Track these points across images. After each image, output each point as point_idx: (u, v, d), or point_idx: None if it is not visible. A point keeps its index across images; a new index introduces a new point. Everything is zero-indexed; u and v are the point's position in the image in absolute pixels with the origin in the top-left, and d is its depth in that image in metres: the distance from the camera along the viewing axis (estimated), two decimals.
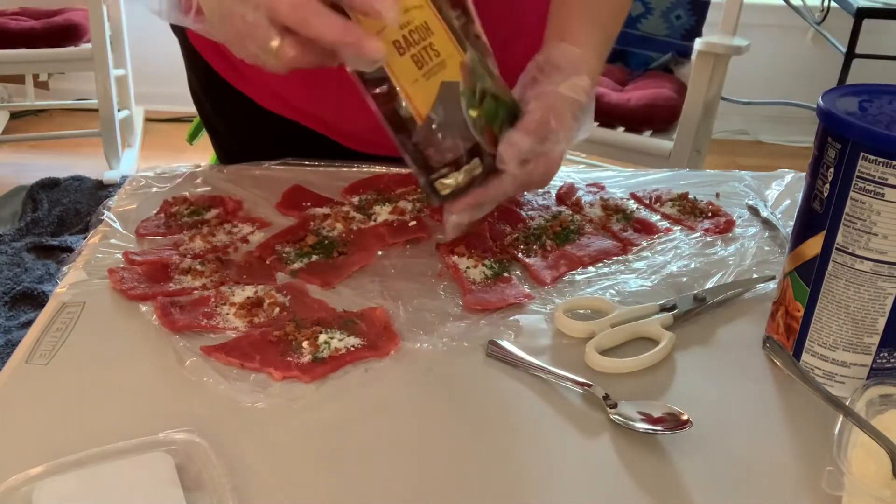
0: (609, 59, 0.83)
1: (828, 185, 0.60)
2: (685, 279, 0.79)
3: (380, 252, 0.81)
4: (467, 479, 0.56)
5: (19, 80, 3.02)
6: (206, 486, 0.52)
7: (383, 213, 0.87)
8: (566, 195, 0.93)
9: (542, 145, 0.68)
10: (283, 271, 0.78)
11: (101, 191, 2.82)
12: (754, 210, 0.92)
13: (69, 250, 2.46)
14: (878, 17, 2.52)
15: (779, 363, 0.62)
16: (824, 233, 0.61)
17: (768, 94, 3.22)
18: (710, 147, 2.47)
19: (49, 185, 2.83)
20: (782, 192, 0.97)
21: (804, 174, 0.65)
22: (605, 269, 0.81)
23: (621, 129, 2.34)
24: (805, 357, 0.65)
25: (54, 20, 2.83)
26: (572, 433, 0.60)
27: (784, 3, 2.91)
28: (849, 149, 0.58)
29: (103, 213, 0.85)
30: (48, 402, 0.61)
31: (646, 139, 2.33)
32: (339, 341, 0.67)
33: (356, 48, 0.56)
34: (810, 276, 0.63)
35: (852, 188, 0.59)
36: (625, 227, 0.87)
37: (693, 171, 1.03)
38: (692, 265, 0.81)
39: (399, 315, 0.72)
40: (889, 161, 0.56)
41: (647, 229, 0.88)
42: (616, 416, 0.60)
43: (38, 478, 0.52)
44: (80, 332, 0.68)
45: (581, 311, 0.74)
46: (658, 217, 0.90)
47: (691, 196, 0.94)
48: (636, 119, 2.33)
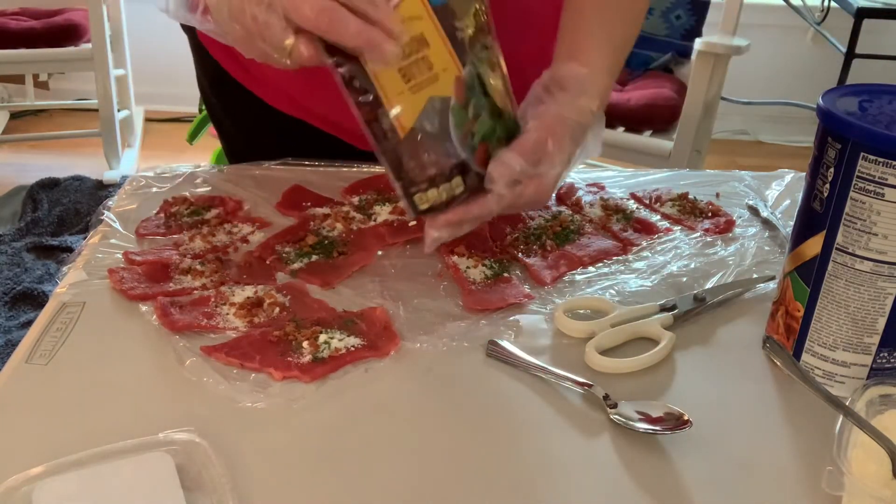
0: None
1: (828, 185, 0.60)
2: (685, 279, 0.79)
3: (380, 252, 0.81)
4: (467, 479, 0.56)
5: (19, 80, 3.02)
6: (206, 486, 0.52)
7: (383, 213, 0.87)
8: (566, 195, 0.93)
9: (536, 167, 0.65)
10: (283, 271, 0.78)
11: (101, 191, 2.82)
12: (754, 210, 0.92)
13: (69, 250, 2.46)
14: (878, 17, 2.51)
15: (779, 363, 0.62)
16: (824, 233, 0.61)
17: (768, 94, 3.22)
18: (710, 147, 2.47)
19: (49, 185, 2.83)
20: (782, 192, 0.97)
21: (804, 174, 0.65)
22: (605, 269, 0.81)
23: (621, 128, 2.34)
24: (805, 357, 0.65)
25: (54, 20, 2.83)
26: (572, 433, 0.60)
27: (784, 3, 2.90)
28: (849, 149, 0.58)
29: (103, 213, 0.86)
30: (48, 402, 0.61)
31: (646, 139, 2.33)
32: (339, 341, 0.67)
33: (376, 50, 0.57)
34: (810, 276, 0.63)
35: (852, 188, 0.59)
36: (625, 227, 0.87)
37: (693, 171, 1.03)
38: (692, 265, 0.81)
39: (399, 315, 0.72)
40: (889, 161, 0.56)
41: (647, 229, 0.88)
42: (616, 416, 0.60)
43: (38, 478, 0.52)
44: (80, 332, 0.68)
45: (581, 311, 0.74)
46: (658, 217, 0.90)
47: (691, 196, 0.94)
48: (636, 119, 2.33)
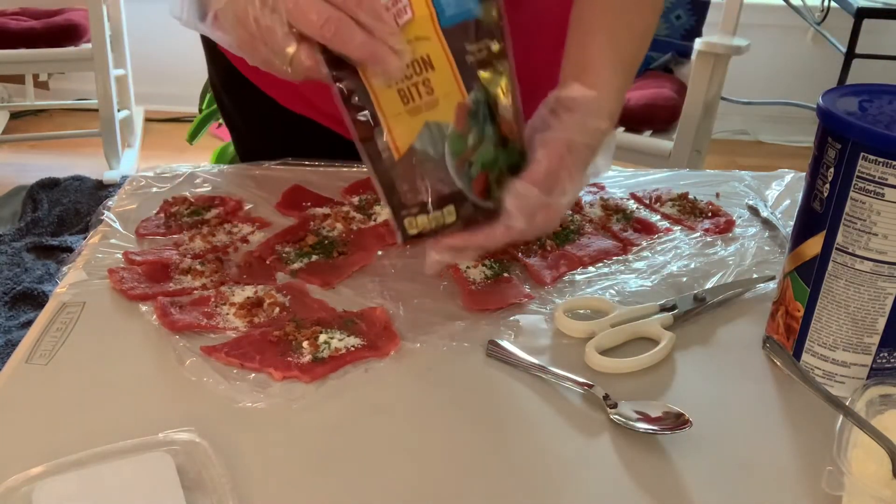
0: None
1: (828, 185, 0.60)
2: (685, 279, 0.79)
3: (380, 252, 0.81)
4: (467, 479, 0.56)
5: (19, 80, 3.02)
6: (206, 486, 0.52)
7: (383, 213, 0.87)
8: None
9: (549, 197, 0.62)
10: (283, 271, 0.78)
11: (101, 191, 2.82)
12: (754, 210, 0.92)
13: (69, 250, 2.46)
14: (878, 17, 2.51)
15: (779, 363, 0.62)
16: (824, 233, 0.61)
17: (768, 94, 3.22)
18: (710, 147, 2.47)
19: (49, 185, 2.83)
20: (782, 192, 0.97)
21: (804, 174, 0.65)
22: (605, 269, 0.81)
23: (621, 129, 2.34)
24: (805, 357, 0.65)
25: (54, 20, 2.83)
26: (572, 433, 0.60)
27: (784, 3, 2.90)
28: (849, 149, 0.58)
29: (103, 213, 0.86)
30: (48, 402, 0.61)
31: (646, 139, 2.33)
32: (339, 341, 0.67)
33: (379, 64, 0.56)
34: (810, 276, 0.63)
35: (852, 188, 0.59)
36: (625, 227, 0.87)
37: (693, 171, 1.03)
38: (692, 265, 0.81)
39: (399, 315, 0.72)
40: (889, 161, 0.56)
41: (647, 229, 0.88)
42: (616, 416, 0.60)
43: (38, 478, 0.52)
44: (80, 332, 0.68)
45: (581, 311, 0.74)
46: (658, 217, 0.90)
47: (691, 196, 0.94)
48: (636, 119, 2.33)
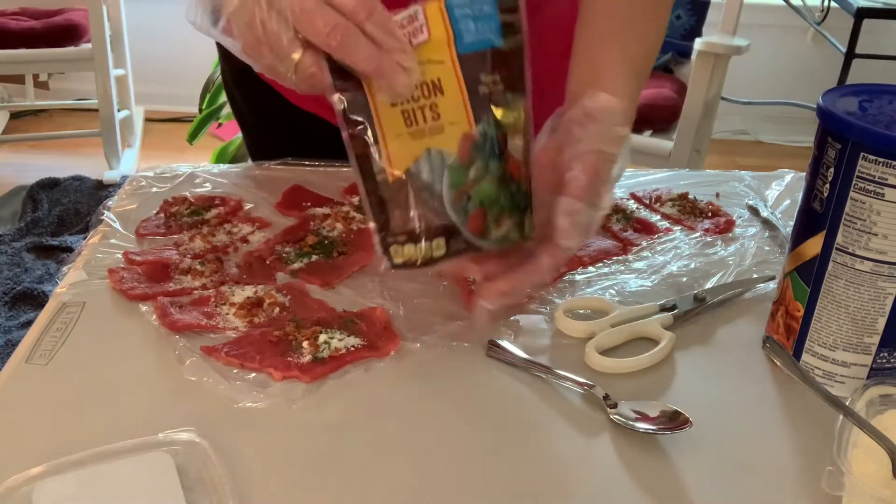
0: None
1: (828, 185, 0.60)
2: (685, 279, 0.79)
3: None
4: (467, 479, 0.56)
5: (19, 80, 3.02)
6: (206, 486, 0.52)
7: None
8: None
9: (592, 210, 0.61)
10: (283, 271, 0.78)
11: (101, 191, 2.82)
12: (754, 210, 0.92)
13: (69, 250, 2.46)
14: (878, 17, 2.52)
15: (779, 363, 0.62)
16: (824, 233, 0.61)
17: (768, 94, 3.22)
18: (710, 147, 2.47)
19: (49, 185, 2.83)
20: (782, 192, 0.97)
21: (804, 174, 0.65)
22: (605, 269, 0.81)
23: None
24: (805, 357, 0.65)
25: (54, 20, 2.83)
26: (572, 433, 0.60)
27: (784, 3, 2.91)
28: (849, 149, 0.58)
29: (103, 213, 0.86)
30: (48, 402, 0.61)
31: (646, 139, 2.33)
32: (339, 341, 0.67)
33: (388, 80, 0.54)
34: (810, 276, 0.63)
35: (852, 188, 0.59)
36: (625, 227, 0.87)
37: (693, 171, 1.03)
38: (692, 265, 0.81)
39: (399, 315, 0.72)
40: (889, 161, 0.56)
41: (647, 229, 0.88)
42: (616, 416, 0.60)
43: (38, 478, 0.52)
44: (80, 332, 0.68)
45: (581, 311, 0.74)
46: (658, 217, 0.90)
47: (691, 196, 0.94)
48: (636, 119, 2.32)
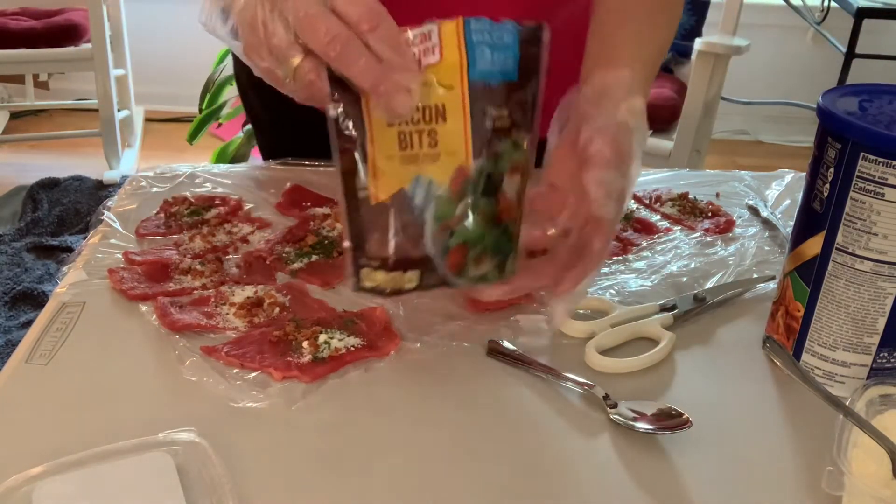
0: None
1: (828, 185, 0.60)
2: (685, 279, 0.79)
3: None
4: (467, 478, 0.56)
5: (19, 80, 3.02)
6: (206, 486, 0.52)
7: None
8: None
9: (623, 178, 0.60)
10: (283, 271, 0.78)
11: (101, 191, 2.82)
12: (754, 210, 0.92)
13: (69, 250, 2.46)
14: (878, 17, 2.52)
15: (779, 363, 0.62)
16: (824, 233, 0.61)
17: (768, 94, 3.22)
18: (710, 147, 2.47)
19: (49, 185, 2.83)
20: (782, 192, 0.97)
21: (804, 174, 0.65)
22: (605, 269, 0.80)
23: None
24: (805, 357, 0.65)
25: (54, 20, 2.83)
26: (572, 433, 0.60)
27: (784, 3, 2.91)
28: (849, 149, 0.58)
29: (103, 213, 0.86)
30: (48, 402, 0.61)
31: None
32: (339, 341, 0.66)
33: (386, 99, 0.51)
34: (810, 276, 0.63)
35: (852, 188, 0.59)
36: (625, 227, 0.87)
37: (693, 171, 1.03)
38: (692, 265, 0.81)
39: (399, 315, 0.72)
40: (889, 161, 0.56)
41: (647, 229, 0.88)
42: (616, 416, 0.60)
43: (38, 478, 0.52)
44: (80, 332, 0.68)
45: (581, 311, 0.73)
46: (658, 217, 0.90)
47: (691, 196, 0.94)
48: None
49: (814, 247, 0.62)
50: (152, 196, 0.90)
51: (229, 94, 2.50)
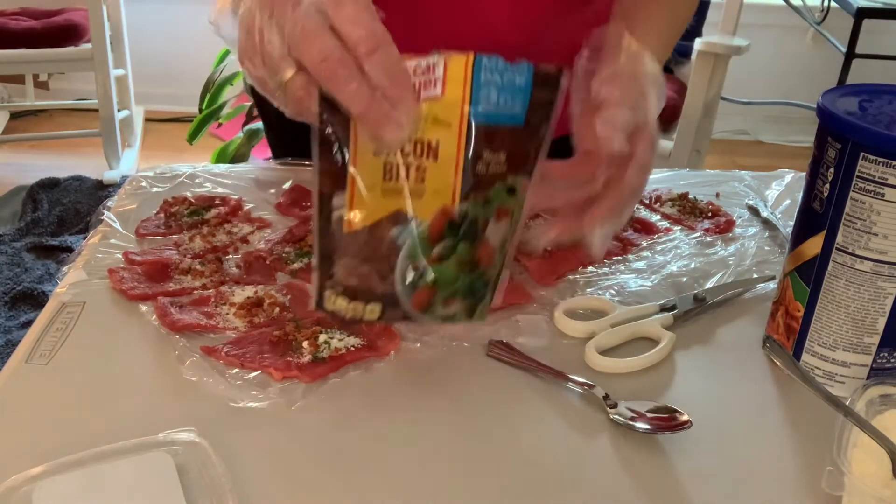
0: None
1: (828, 185, 0.60)
2: (685, 279, 0.79)
3: None
4: (467, 478, 0.56)
5: (19, 80, 3.02)
6: (206, 486, 0.52)
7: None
8: None
9: (635, 116, 0.60)
10: (283, 271, 0.78)
11: (101, 191, 2.82)
12: (754, 210, 0.92)
13: (69, 250, 2.46)
14: (878, 17, 2.52)
15: (779, 363, 0.62)
16: (824, 233, 0.61)
17: (768, 94, 3.22)
18: (710, 147, 2.47)
19: (49, 185, 2.83)
20: (782, 192, 0.97)
21: (804, 174, 0.65)
22: (605, 269, 0.81)
23: None
24: (805, 357, 0.65)
25: (54, 20, 2.83)
26: (572, 433, 0.60)
27: (784, 3, 2.91)
28: (849, 149, 0.58)
29: (103, 213, 0.86)
30: (48, 402, 0.61)
31: None
32: (339, 341, 0.67)
33: (375, 129, 0.48)
34: (810, 276, 0.63)
35: (852, 188, 0.59)
36: (624, 227, 0.87)
37: (693, 171, 1.03)
38: (692, 265, 0.81)
39: None
40: (889, 161, 0.56)
41: (647, 229, 0.88)
42: (616, 416, 0.60)
43: (38, 478, 0.52)
44: (80, 332, 0.68)
45: (581, 311, 0.73)
46: (658, 217, 0.91)
47: (691, 196, 0.94)
48: None
49: (814, 247, 0.62)
50: (152, 196, 0.90)
51: (229, 94, 2.50)
